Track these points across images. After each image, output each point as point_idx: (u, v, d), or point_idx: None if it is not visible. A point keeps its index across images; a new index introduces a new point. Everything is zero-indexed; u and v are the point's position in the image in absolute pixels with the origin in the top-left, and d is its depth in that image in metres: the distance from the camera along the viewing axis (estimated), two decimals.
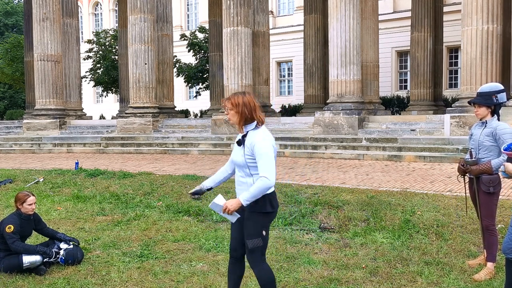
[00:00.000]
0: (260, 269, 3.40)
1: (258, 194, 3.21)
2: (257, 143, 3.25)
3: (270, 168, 3.20)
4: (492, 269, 4.41)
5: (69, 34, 19.81)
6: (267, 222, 3.40)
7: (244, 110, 3.33)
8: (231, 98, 3.39)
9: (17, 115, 31.15)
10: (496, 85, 4.45)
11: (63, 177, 9.97)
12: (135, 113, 17.44)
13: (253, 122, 3.35)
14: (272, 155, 3.27)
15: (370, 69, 15.72)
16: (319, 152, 13.16)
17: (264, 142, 3.26)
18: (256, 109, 3.36)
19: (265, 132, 3.34)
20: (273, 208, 3.37)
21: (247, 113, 3.33)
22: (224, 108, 3.45)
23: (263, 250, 3.42)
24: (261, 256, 3.41)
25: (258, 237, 3.35)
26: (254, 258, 3.39)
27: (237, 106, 3.33)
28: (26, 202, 4.96)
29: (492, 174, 4.30)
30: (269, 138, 3.33)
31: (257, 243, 3.35)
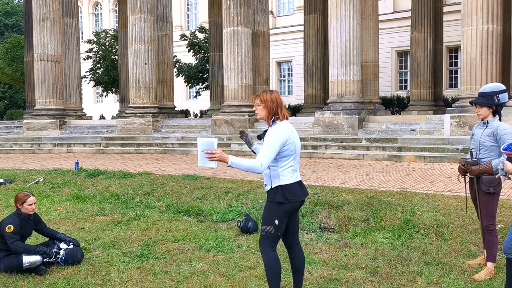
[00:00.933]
0: (267, 256, 3.62)
1: (243, 169, 3.41)
2: (268, 135, 3.53)
3: (266, 157, 3.43)
4: (492, 269, 4.41)
5: (69, 34, 19.81)
6: (280, 212, 3.58)
7: (272, 106, 3.59)
8: (260, 95, 3.65)
9: (17, 115, 31.15)
10: (497, 85, 4.44)
11: (63, 177, 9.97)
12: (135, 113, 17.44)
13: (277, 117, 3.60)
14: (275, 149, 3.47)
15: (370, 69, 15.72)
16: (319, 152, 13.16)
17: (274, 134, 3.50)
18: (281, 106, 3.63)
19: (280, 128, 3.56)
20: (287, 199, 3.56)
21: (274, 108, 3.59)
22: (253, 103, 3.70)
23: (275, 239, 3.63)
24: (271, 244, 3.63)
25: (270, 224, 3.59)
26: (265, 244, 3.63)
27: (266, 102, 3.60)
28: (26, 202, 4.96)
29: (492, 174, 4.30)
30: (284, 132, 3.53)
31: (269, 230, 3.60)
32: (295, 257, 3.84)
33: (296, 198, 3.61)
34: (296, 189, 3.62)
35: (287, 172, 3.57)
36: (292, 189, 3.59)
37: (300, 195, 3.65)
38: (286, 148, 3.53)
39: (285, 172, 3.57)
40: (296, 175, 3.65)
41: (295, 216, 3.80)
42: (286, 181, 3.57)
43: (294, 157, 3.62)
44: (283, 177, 3.57)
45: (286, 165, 3.57)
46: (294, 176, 3.62)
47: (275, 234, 3.61)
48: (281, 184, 3.56)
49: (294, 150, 3.60)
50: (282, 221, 3.61)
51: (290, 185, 3.58)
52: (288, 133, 3.55)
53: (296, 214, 3.81)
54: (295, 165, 3.64)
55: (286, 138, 3.52)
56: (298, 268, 3.83)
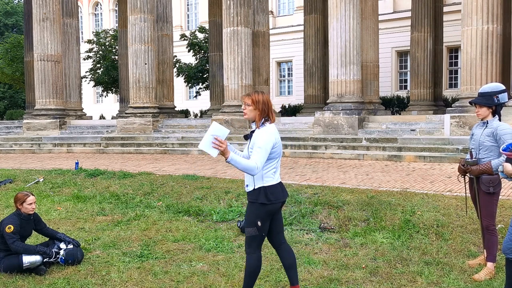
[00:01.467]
0: (251, 257, 3.66)
1: (240, 167, 3.43)
2: (259, 137, 3.52)
3: (262, 160, 3.47)
4: (492, 269, 4.41)
5: (69, 34, 19.81)
6: (262, 213, 3.61)
7: (264, 108, 3.59)
8: (252, 95, 3.62)
9: (17, 115, 31.15)
10: (497, 85, 4.44)
11: (63, 177, 9.97)
12: (135, 113, 17.44)
13: (267, 119, 3.61)
14: (268, 151, 3.51)
15: (370, 69, 15.71)
16: (319, 152, 13.16)
17: (267, 137, 3.52)
18: (271, 108, 3.65)
19: (270, 130, 3.59)
20: (269, 200, 3.59)
21: (266, 110, 3.59)
22: (243, 103, 3.67)
23: (260, 240, 3.67)
24: (257, 245, 3.67)
25: (253, 226, 3.62)
26: (251, 246, 3.66)
27: (257, 104, 3.59)
28: (25, 202, 4.95)
29: (492, 174, 4.30)
30: (273, 135, 3.57)
31: (252, 231, 3.62)
32: (285, 256, 3.87)
33: (278, 199, 3.65)
34: (278, 190, 3.67)
35: (270, 173, 3.62)
36: (274, 190, 3.63)
37: (281, 196, 3.70)
38: (274, 150, 3.59)
39: (268, 174, 3.61)
40: (277, 176, 3.70)
41: (278, 217, 3.83)
42: (268, 183, 3.61)
43: (278, 159, 3.68)
44: (266, 179, 3.61)
45: (270, 167, 3.62)
46: (276, 178, 3.68)
47: (259, 235, 3.65)
48: (264, 186, 3.60)
49: (279, 153, 3.67)
50: (265, 222, 3.65)
51: (272, 186, 3.63)
52: (277, 135, 3.62)
53: (279, 214, 3.84)
54: (277, 167, 3.70)
55: (275, 141, 3.58)
56: (290, 265, 3.86)
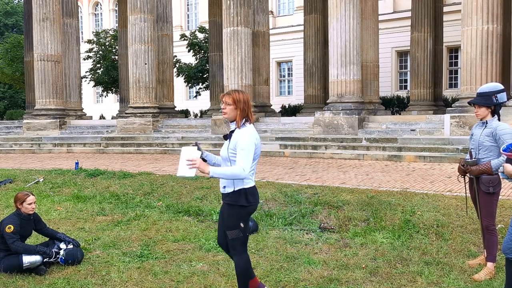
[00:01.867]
0: (241, 257, 3.64)
1: (226, 177, 3.43)
2: (241, 139, 3.45)
3: (248, 163, 3.42)
4: (492, 269, 4.41)
5: (69, 34, 19.81)
6: (244, 214, 3.59)
7: (244, 107, 3.51)
8: (232, 94, 3.52)
9: (17, 115, 31.15)
10: (495, 85, 4.44)
11: (63, 177, 9.97)
12: (135, 113, 17.44)
13: (246, 119, 3.54)
14: (252, 153, 3.46)
15: (370, 69, 15.71)
16: (319, 152, 13.16)
17: (249, 139, 3.46)
18: (251, 108, 3.58)
19: (252, 130, 3.52)
20: (249, 202, 3.56)
21: (246, 110, 3.52)
22: (222, 102, 3.59)
23: (244, 241, 3.66)
24: (242, 247, 3.65)
25: (236, 228, 3.58)
26: (236, 248, 3.63)
27: (239, 103, 3.50)
28: (25, 202, 4.96)
29: (492, 174, 4.30)
30: (254, 136, 3.51)
31: (236, 234, 3.59)
32: None
33: (256, 201, 3.65)
34: (256, 191, 3.67)
35: (249, 175, 3.55)
36: (253, 192, 3.61)
37: (258, 197, 3.71)
38: (254, 152, 3.54)
39: (248, 175, 3.54)
40: (254, 178, 3.68)
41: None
42: (248, 184, 3.57)
43: (257, 161, 3.64)
44: (247, 180, 3.55)
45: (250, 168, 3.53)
46: (253, 179, 3.65)
47: (243, 236, 3.62)
48: (244, 188, 3.55)
49: (258, 155, 3.63)
50: (246, 223, 3.64)
51: (252, 188, 3.61)
52: (257, 136, 3.57)
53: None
54: (255, 169, 3.67)
55: (257, 142, 3.54)
56: None
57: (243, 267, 3.65)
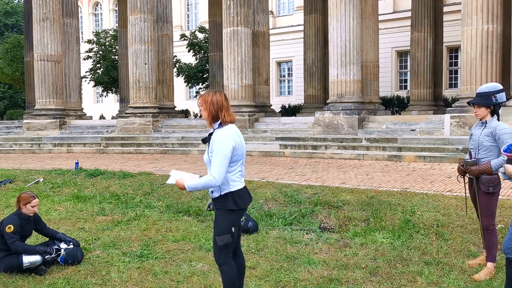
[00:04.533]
0: (228, 266, 3.50)
1: (201, 188, 3.40)
2: (215, 141, 3.38)
3: (220, 169, 3.30)
4: (492, 269, 4.41)
5: (69, 34, 19.81)
6: (233, 218, 3.48)
7: (211, 108, 3.43)
8: (202, 96, 3.53)
9: (17, 115, 31.14)
10: (495, 85, 4.44)
11: (63, 177, 9.97)
12: (135, 113, 17.44)
13: (218, 120, 3.45)
14: (226, 156, 3.33)
15: (370, 69, 15.71)
16: (319, 152, 13.16)
17: (222, 141, 3.35)
18: (223, 109, 3.44)
19: (227, 131, 3.41)
20: (238, 206, 3.44)
21: (213, 111, 3.43)
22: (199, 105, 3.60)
23: (231, 246, 3.53)
24: (229, 253, 3.52)
25: (228, 233, 3.45)
26: (223, 254, 3.49)
27: (206, 104, 3.46)
28: (30, 204, 4.96)
29: (492, 174, 4.30)
30: (231, 137, 3.39)
31: (227, 239, 3.45)
32: (237, 263, 3.68)
33: (245, 204, 3.52)
34: (245, 194, 3.53)
35: (235, 177, 3.45)
36: (241, 195, 3.48)
37: (249, 200, 3.57)
38: (235, 153, 3.40)
39: (234, 178, 3.44)
40: (243, 180, 3.55)
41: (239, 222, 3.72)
42: (236, 187, 3.44)
43: (242, 161, 3.50)
44: (233, 183, 3.43)
45: (234, 170, 3.44)
46: (242, 181, 3.53)
47: (232, 241, 3.51)
48: (231, 191, 3.42)
49: (242, 155, 3.48)
50: (236, 227, 3.54)
51: (240, 190, 3.47)
52: (236, 137, 3.42)
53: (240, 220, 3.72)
54: (242, 170, 3.54)
55: (235, 143, 3.40)
56: (240, 273, 3.72)
57: (233, 275, 3.50)
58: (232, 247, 3.53)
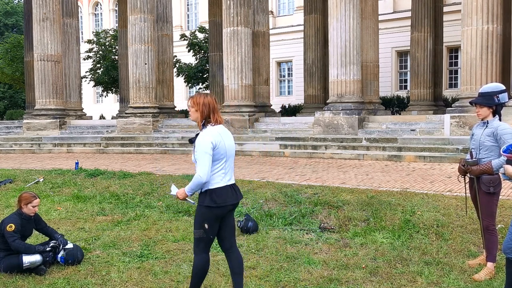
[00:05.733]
0: (200, 258, 3.68)
1: (194, 188, 3.57)
2: (197, 141, 3.56)
3: (203, 166, 3.49)
4: (492, 269, 4.41)
5: (69, 34, 19.81)
6: (209, 215, 3.60)
7: (204, 109, 3.60)
8: (193, 98, 3.66)
9: (17, 115, 31.14)
10: (497, 85, 4.44)
11: (63, 177, 9.97)
12: (135, 113, 17.44)
13: (209, 121, 3.62)
14: (207, 154, 3.49)
15: (370, 69, 15.70)
16: (319, 152, 13.16)
17: (203, 140, 3.53)
18: (215, 111, 3.63)
19: (210, 131, 3.57)
20: (215, 203, 3.56)
21: (206, 113, 3.60)
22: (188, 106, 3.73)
23: (207, 242, 3.68)
24: (204, 248, 3.68)
25: (200, 228, 3.63)
26: (199, 247, 3.67)
27: (198, 105, 3.62)
28: (31, 203, 4.96)
29: (492, 174, 4.30)
30: (211, 136, 3.53)
31: (200, 234, 3.64)
32: (233, 261, 3.80)
33: (226, 202, 3.60)
34: (227, 192, 3.62)
35: (217, 176, 3.57)
36: (221, 193, 3.59)
37: (232, 198, 3.65)
38: (217, 152, 3.54)
39: (215, 176, 3.57)
40: (227, 178, 3.64)
41: (229, 221, 3.78)
42: (215, 185, 3.57)
43: (226, 160, 3.62)
44: (213, 181, 3.56)
45: (216, 169, 3.57)
46: (225, 180, 3.62)
47: (207, 238, 3.64)
48: (209, 188, 3.57)
49: (225, 154, 3.60)
50: (213, 225, 3.63)
51: (220, 188, 3.59)
52: (217, 136, 3.56)
53: (230, 218, 3.78)
54: (226, 168, 3.63)
55: (216, 142, 3.53)
56: (236, 272, 3.78)
57: (201, 268, 3.69)
58: (207, 242, 3.67)
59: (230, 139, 3.69)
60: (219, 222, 3.68)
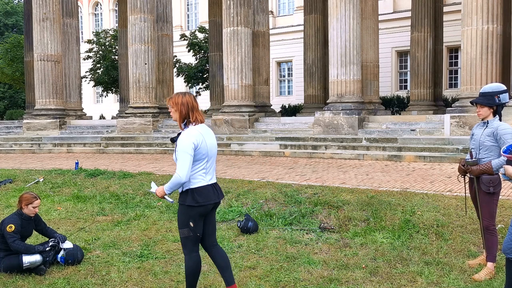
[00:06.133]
0: (189, 258, 3.69)
1: (173, 187, 3.56)
2: (179, 141, 3.56)
3: (182, 166, 3.49)
4: (492, 269, 4.41)
5: (69, 34, 19.81)
6: (193, 214, 3.61)
7: (182, 109, 3.60)
8: (172, 98, 3.67)
9: (17, 115, 31.14)
10: (498, 85, 4.44)
11: (63, 177, 9.97)
12: (135, 113, 17.44)
13: (189, 121, 3.62)
14: (188, 154, 3.49)
15: (370, 69, 15.71)
16: (319, 152, 13.16)
17: (184, 140, 3.53)
18: (193, 109, 3.63)
19: (191, 131, 3.57)
20: (197, 202, 3.57)
21: (184, 112, 3.60)
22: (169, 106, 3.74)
23: (194, 240, 3.69)
24: (192, 246, 3.69)
25: (185, 227, 3.64)
26: (186, 247, 3.70)
27: (177, 105, 3.62)
28: (32, 204, 4.96)
29: (492, 174, 4.30)
30: (193, 136, 3.53)
31: (185, 233, 3.65)
32: (217, 258, 3.83)
33: (208, 201, 3.63)
34: (208, 191, 3.64)
35: (198, 175, 3.58)
36: (203, 192, 3.60)
37: (213, 197, 3.67)
38: (198, 152, 3.55)
39: (196, 175, 3.58)
40: (209, 177, 3.66)
41: (211, 219, 3.80)
42: (196, 184, 3.58)
43: (207, 160, 3.63)
44: (194, 180, 3.58)
45: (198, 168, 3.58)
46: (207, 179, 3.64)
47: (193, 236, 3.65)
48: (191, 188, 3.58)
49: (206, 154, 3.61)
50: (197, 223, 3.64)
51: (201, 187, 3.60)
52: (199, 136, 3.56)
53: (211, 216, 3.80)
54: (207, 168, 3.65)
55: (198, 142, 3.54)
56: (223, 266, 3.82)
57: (193, 268, 3.70)
58: (194, 241, 3.67)
59: (212, 138, 3.70)
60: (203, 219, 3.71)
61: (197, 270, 3.73)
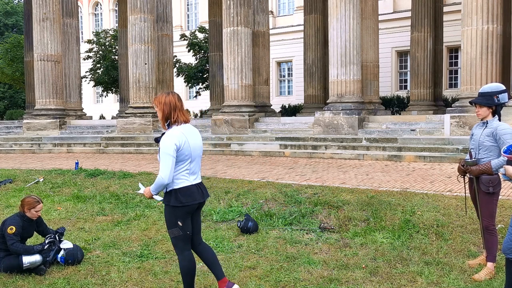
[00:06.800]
0: (183, 257, 3.70)
1: (158, 188, 3.60)
2: (161, 142, 3.55)
3: (164, 168, 3.50)
4: (492, 269, 4.41)
5: (69, 34, 19.81)
6: (180, 214, 3.62)
7: (164, 108, 3.58)
8: (157, 97, 3.64)
9: (17, 115, 31.13)
10: (497, 85, 4.44)
11: (63, 177, 9.97)
12: (135, 113, 17.44)
13: (172, 121, 3.59)
14: (169, 155, 3.48)
15: (370, 69, 15.71)
16: (319, 152, 13.16)
17: (165, 141, 3.52)
18: (176, 109, 3.59)
19: (174, 131, 3.54)
20: (181, 202, 3.57)
21: (166, 111, 3.57)
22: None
23: (185, 239, 3.69)
24: (184, 245, 3.71)
25: (175, 227, 3.65)
26: (178, 247, 3.71)
27: (160, 105, 3.60)
28: (34, 208, 4.96)
29: (492, 174, 4.30)
30: (175, 137, 3.51)
31: (175, 232, 3.66)
32: (205, 254, 3.85)
33: (193, 201, 3.63)
34: (193, 192, 3.63)
35: (181, 175, 3.58)
36: (187, 192, 3.60)
37: (198, 197, 3.66)
38: (181, 153, 3.53)
39: (179, 176, 3.57)
40: (193, 177, 3.65)
41: (196, 218, 3.81)
42: (180, 185, 3.58)
43: (191, 160, 3.61)
44: (177, 181, 3.58)
45: (181, 169, 3.58)
46: (191, 179, 3.63)
47: (183, 235, 3.65)
48: (174, 188, 3.58)
49: (189, 154, 3.59)
50: (185, 220, 3.65)
51: (185, 188, 3.60)
52: (181, 137, 3.53)
53: (197, 216, 3.82)
54: (191, 168, 3.63)
55: (180, 143, 3.51)
56: (212, 262, 3.84)
57: (188, 267, 3.70)
58: (185, 239, 3.69)
59: (197, 139, 3.66)
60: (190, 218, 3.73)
61: (192, 268, 3.73)
